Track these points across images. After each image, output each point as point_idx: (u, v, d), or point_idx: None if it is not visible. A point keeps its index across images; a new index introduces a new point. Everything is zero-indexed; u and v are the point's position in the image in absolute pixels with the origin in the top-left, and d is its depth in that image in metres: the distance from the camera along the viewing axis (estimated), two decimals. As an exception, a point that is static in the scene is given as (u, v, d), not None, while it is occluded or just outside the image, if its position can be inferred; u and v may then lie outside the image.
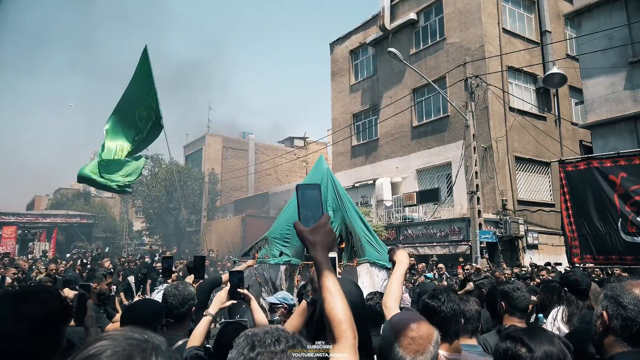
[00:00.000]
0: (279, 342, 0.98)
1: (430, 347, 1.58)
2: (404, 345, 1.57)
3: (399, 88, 19.95)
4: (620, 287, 1.69)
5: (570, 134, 18.52)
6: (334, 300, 1.35)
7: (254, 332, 1.03)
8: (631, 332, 1.59)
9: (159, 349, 0.84)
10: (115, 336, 0.83)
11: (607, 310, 1.67)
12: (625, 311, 1.61)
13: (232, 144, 39.72)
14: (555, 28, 18.90)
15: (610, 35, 11.60)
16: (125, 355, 0.79)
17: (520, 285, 3.01)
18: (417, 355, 1.55)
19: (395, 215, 18.69)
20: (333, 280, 1.38)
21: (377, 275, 6.62)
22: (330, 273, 1.38)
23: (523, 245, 15.99)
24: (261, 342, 0.98)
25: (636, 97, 11.33)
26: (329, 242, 1.42)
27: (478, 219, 13.93)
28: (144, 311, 2.33)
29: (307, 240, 1.41)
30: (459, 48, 17.61)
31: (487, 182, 16.04)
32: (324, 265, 1.39)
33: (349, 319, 1.34)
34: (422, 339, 1.58)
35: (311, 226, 1.41)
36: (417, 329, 1.61)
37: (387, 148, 20.35)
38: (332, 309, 1.34)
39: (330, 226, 1.44)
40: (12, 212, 32.83)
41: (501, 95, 16.63)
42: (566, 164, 8.72)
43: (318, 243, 1.40)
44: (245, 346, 0.98)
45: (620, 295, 1.65)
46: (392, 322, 1.69)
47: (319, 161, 8.08)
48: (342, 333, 1.31)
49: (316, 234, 1.41)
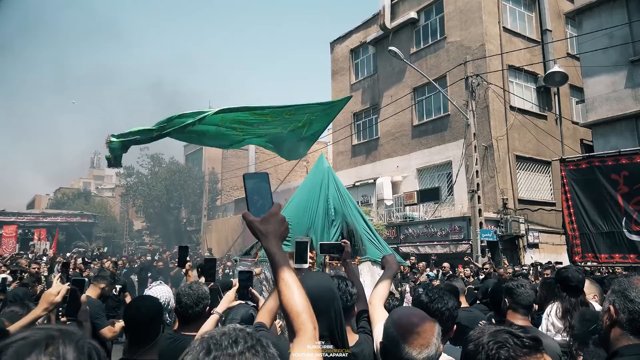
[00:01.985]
0: (236, 344, 0.93)
1: (434, 340, 1.60)
2: (410, 341, 1.59)
3: (399, 87, 19.94)
4: (627, 281, 1.72)
5: (571, 133, 18.50)
6: (290, 291, 1.29)
7: (211, 334, 0.96)
8: (637, 325, 1.61)
9: (69, 339, 0.89)
10: (36, 328, 0.94)
11: (615, 304, 1.69)
12: (633, 305, 1.63)
13: (232, 143, 39.65)
14: (555, 27, 18.87)
15: (611, 33, 11.58)
16: (35, 342, 0.86)
17: (524, 282, 3.01)
18: (423, 349, 1.58)
19: (395, 214, 18.68)
20: (288, 271, 1.32)
21: (378, 273, 6.60)
22: (285, 265, 1.33)
23: (524, 244, 15.99)
24: (217, 344, 0.92)
25: (637, 96, 11.32)
26: (282, 232, 1.36)
27: (479, 218, 13.93)
28: (143, 309, 2.32)
29: (259, 231, 1.35)
30: (460, 47, 17.60)
31: (488, 181, 16.03)
32: (278, 256, 1.33)
33: (307, 310, 1.29)
34: (425, 332, 1.61)
35: (262, 216, 1.36)
36: (420, 323, 1.63)
37: (387, 147, 20.34)
38: (289, 301, 1.28)
39: (282, 215, 1.39)
40: (12, 212, 32.85)
41: (502, 94, 16.62)
42: (567, 162, 8.69)
43: (270, 233, 1.34)
44: (201, 350, 0.92)
45: (628, 289, 1.68)
46: (395, 320, 1.70)
47: (319, 160, 8.06)
48: (302, 325, 1.26)
49: (268, 223, 1.35)
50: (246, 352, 0.92)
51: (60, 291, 2.22)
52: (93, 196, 48.29)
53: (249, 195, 1.40)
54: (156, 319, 2.34)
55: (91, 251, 23.37)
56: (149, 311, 2.32)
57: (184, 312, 2.63)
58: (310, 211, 7.00)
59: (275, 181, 38.30)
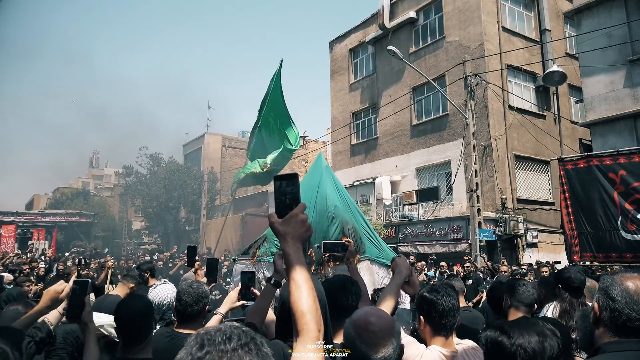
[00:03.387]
0: (230, 340, 0.93)
1: (392, 339, 1.58)
2: (365, 339, 1.57)
3: (398, 86, 19.94)
4: (611, 279, 1.72)
5: (569, 133, 18.52)
6: (299, 292, 1.30)
7: (206, 330, 0.97)
8: (618, 323, 1.62)
9: None
10: None
11: (599, 301, 1.71)
12: (614, 303, 1.64)
13: (231, 143, 39.65)
14: (554, 26, 18.89)
15: (610, 33, 11.59)
16: None
17: (525, 281, 3.02)
18: (379, 348, 1.55)
19: (394, 213, 18.68)
20: (302, 273, 1.32)
21: (377, 272, 6.62)
22: (299, 266, 1.33)
23: (522, 244, 16.00)
24: (211, 340, 0.93)
25: (635, 95, 11.33)
26: (301, 234, 1.35)
27: (477, 218, 13.94)
28: (134, 307, 2.32)
29: (278, 232, 1.35)
30: (459, 46, 17.60)
31: (487, 180, 16.05)
32: (292, 258, 1.33)
33: (313, 311, 1.28)
34: (382, 332, 1.58)
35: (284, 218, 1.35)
36: (377, 322, 1.60)
37: (386, 147, 20.34)
38: (297, 301, 1.29)
39: (304, 216, 1.37)
40: (11, 211, 32.80)
41: (501, 93, 16.63)
42: (566, 162, 8.70)
43: (288, 234, 1.34)
44: (194, 345, 0.93)
45: (610, 287, 1.68)
46: (353, 319, 1.67)
47: (317, 159, 8.07)
48: (305, 325, 1.26)
49: (287, 225, 1.34)
50: (239, 349, 0.93)
51: (64, 289, 2.22)
52: (92, 196, 48.19)
53: (277, 196, 1.39)
54: (147, 317, 2.34)
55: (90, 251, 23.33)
56: (139, 309, 2.31)
57: (183, 310, 2.63)
58: (309, 210, 7.01)
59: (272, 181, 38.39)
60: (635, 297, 1.62)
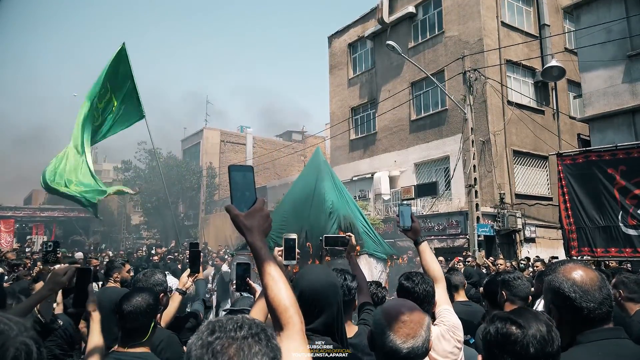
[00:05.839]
0: (240, 329, 0.95)
1: (421, 332, 1.60)
2: (395, 329, 1.59)
3: (397, 82, 19.91)
4: (555, 277, 1.68)
5: (568, 128, 18.53)
6: (277, 286, 1.29)
7: (219, 318, 1.00)
8: (581, 318, 1.61)
9: None
10: None
11: (554, 303, 1.67)
12: (570, 301, 1.61)
13: (230, 138, 39.59)
14: (554, 21, 18.85)
15: (609, 28, 11.58)
16: None
17: (520, 274, 3.03)
18: (408, 338, 1.57)
19: (393, 208, 18.69)
20: (275, 267, 1.32)
21: (375, 266, 6.65)
22: (271, 259, 1.33)
23: (520, 239, 16.04)
24: (222, 327, 0.95)
25: (634, 91, 11.33)
26: (265, 227, 1.36)
27: (476, 213, 13.97)
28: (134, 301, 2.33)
29: (243, 225, 1.34)
30: (458, 41, 17.57)
31: (485, 175, 16.06)
32: (263, 251, 1.33)
33: (294, 304, 1.29)
34: (413, 322, 1.60)
35: (246, 210, 1.35)
36: (409, 313, 1.63)
37: (385, 142, 20.34)
38: (276, 295, 1.28)
39: (267, 210, 1.39)
40: (10, 206, 32.79)
41: (499, 88, 16.61)
42: (564, 157, 8.70)
43: (255, 228, 1.34)
44: (205, 331, 0.96)
45: (560, 286, 1.65)
46: (384, 308, 1.71)
47: (315, 154, 8.07)
48: (289, 319, 1.26)
49: (252, 218, 1.34)
50: (249, 337, 0.95)
51: (67, 272, 2.21)
52: (90, 191, 48.05)
53: (234, 187, 1.39)
54: (150, 310, 2.33)
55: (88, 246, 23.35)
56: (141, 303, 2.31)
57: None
58: (307, 204, 7.01)
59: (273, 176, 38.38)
60: (587, 287, 1.60)
